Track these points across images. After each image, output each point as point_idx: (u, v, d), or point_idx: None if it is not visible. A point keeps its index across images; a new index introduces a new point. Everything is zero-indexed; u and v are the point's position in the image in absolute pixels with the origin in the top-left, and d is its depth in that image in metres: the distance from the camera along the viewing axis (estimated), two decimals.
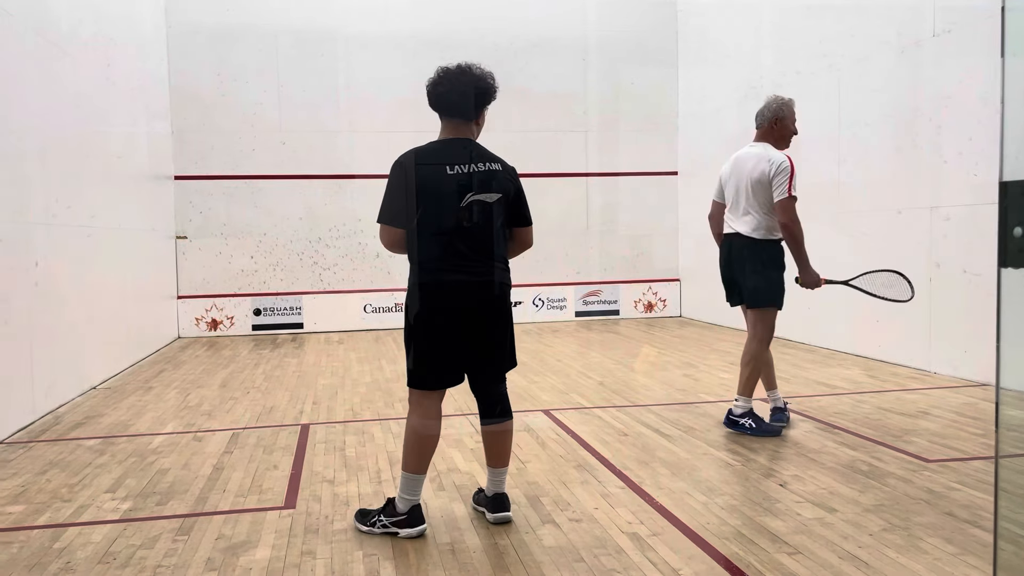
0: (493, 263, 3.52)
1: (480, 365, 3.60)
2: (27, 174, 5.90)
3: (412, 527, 3.48)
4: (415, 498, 3.52)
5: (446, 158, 3.46)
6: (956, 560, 3.11)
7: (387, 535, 3.49)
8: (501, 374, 3.66)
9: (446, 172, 3.42)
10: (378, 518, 3.53)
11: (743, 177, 5.01)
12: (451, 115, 3.54)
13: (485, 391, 3.67)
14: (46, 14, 6.43)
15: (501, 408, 3.67)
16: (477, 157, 3.50)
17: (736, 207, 5.10)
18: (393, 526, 3.49)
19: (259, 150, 11.01)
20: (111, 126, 8.07)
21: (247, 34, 10.94)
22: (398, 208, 3.43)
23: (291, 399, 6.53)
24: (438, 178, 3.42)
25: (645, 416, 5.64)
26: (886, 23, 7.52)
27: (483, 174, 3.48)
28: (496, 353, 3.60)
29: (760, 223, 4.99)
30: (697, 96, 11.49)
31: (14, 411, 5.53)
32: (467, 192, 3.43)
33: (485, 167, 3.49)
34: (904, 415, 5.49)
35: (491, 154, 3.57)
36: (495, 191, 3.50)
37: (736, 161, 5.13)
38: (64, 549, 3.41)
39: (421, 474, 3.54)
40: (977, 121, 6.42)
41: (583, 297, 11.87)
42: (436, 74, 3.53)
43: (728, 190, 5.17)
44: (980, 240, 6.43)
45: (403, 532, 3.47)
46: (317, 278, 11.19)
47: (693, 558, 3.19)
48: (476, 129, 3.61)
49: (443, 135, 3.57)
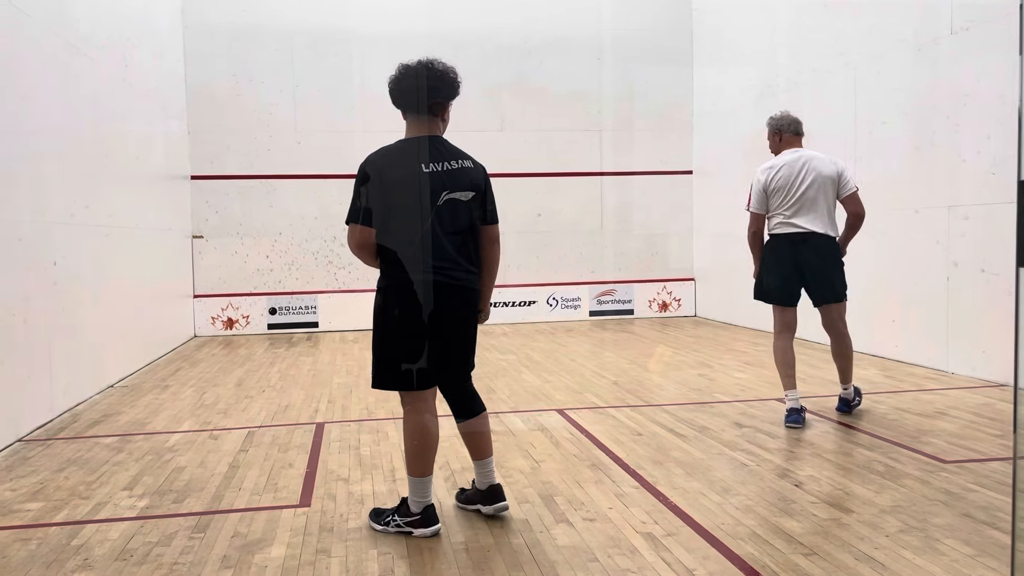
0: (471, 265, 3.53)
1: (456, 364, 3.61)
2: (45, 174, 5.96)
3: (426, 527, 3.48)
4: (427, 499, 3.52)
5: (419, 156, 3.41)
6: (974, 562, 3.08)
7: (401, 534, 3.49)
8: (469, 373, 3.71)
9: (420, 170, 3.38)
10: (392, 518, 3.53)
11: (817, 179, 5.24)
12: (417, 112, 3.48)
13: (459, 390, 3.69)
14: (64, 15, 6.49)
15: (475, 404, 3.70)
16: (448, 155, 3.47)
17: (806, 208, 5.27)
18: (407, 526, 3.49)
19: (274, 150, 11.06)
20: (128, 126, 8.13)
21: (263, 34, 11.00)
22: (369, 208, 3.35)
23: (306, 398, 6.55)
24: (411, 177, 3.37)
25: (659, 416, 5.63)
26: (903, 21, 7.47)
27: (456, 172, 3.45)
28: (471, 352, 3.67)
29: (833, 222, 5.33)
30: (712, 95, 11.45)
31: (33, 409, 5.58)
32: (442, 190, 3.40)
33: (458, 164, 3.47)
34: (921, 415, 5.45)
35: (460, 151, 3.54)
36: (468, 188, 3.47)
37: (804, 165, 5.29)
38: (82, 546, 3.44)
39: (428, 476, 3.52)
40: (995, 120, 6.36)
41: (597, 296, 11.85)
42: (397, 71, 3.49)
43: (782, 195, 5.29)
44: (998, 239, 6.37)
45: (417, 532, 3.47)
46: (332, 277, 11.23)
47: (708, 558, 3.18)
48: (442, 126, 3.57)
49: (410, 133, 3.51)
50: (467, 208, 3.48)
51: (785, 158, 5.35)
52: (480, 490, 3.71)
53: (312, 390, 6.89)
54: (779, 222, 5.33)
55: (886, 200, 7.72)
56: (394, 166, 3.38)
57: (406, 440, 3.53)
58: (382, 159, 3.40)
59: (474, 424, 3.69)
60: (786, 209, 5.29)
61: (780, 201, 5.31)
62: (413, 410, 3.51)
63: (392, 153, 3.42)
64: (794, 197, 5.28)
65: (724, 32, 11.15)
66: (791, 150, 5.39)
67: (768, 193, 5.35)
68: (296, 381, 7.34)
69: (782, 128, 5.44)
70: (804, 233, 5.26)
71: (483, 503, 3.69)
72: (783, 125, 5.44)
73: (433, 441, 3.53)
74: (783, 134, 5.44)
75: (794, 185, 5.28)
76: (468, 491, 3.82)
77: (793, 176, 5.29)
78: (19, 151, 5.51)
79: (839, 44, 8.41)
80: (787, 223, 5.30)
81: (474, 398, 3.72)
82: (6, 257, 5.22)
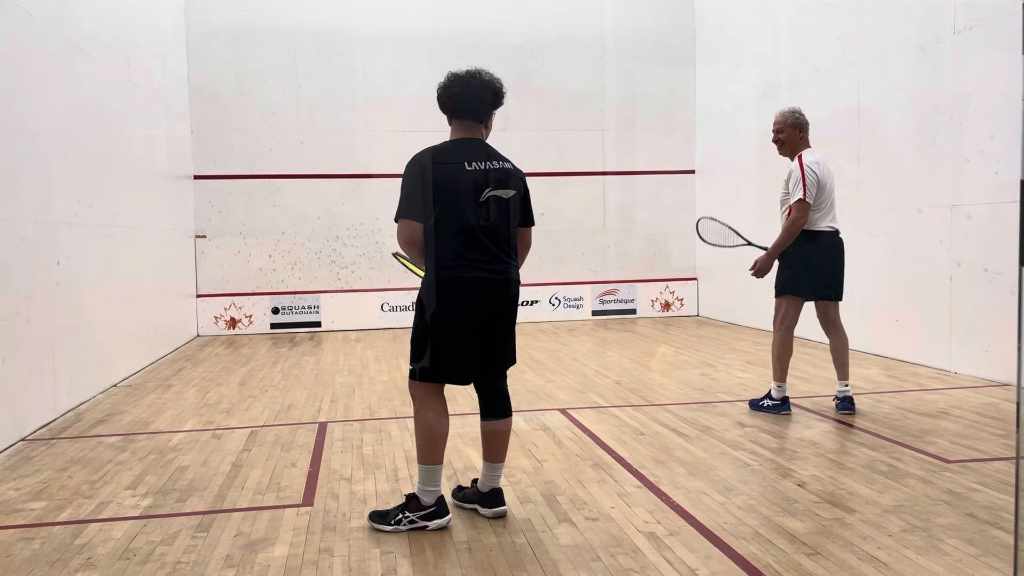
0: (511, 260, 3.62)
1: (492, 362, 3.66)
2: (49, 174, 5.97)
3: (441, 517, 3.53)
4: (438, 488, 3.56)
5: (463, 156, 3.53)
6: (977, 562, 3.08)
7: (411, 531, 3.49)
8: (506, 370, 3.75)
9: (464, 168, 3.49)
10: (403, 515, 3.54)
11: (833, 180, 5.48)
12: (464, 117, 3.63)
13: (491, 388, 3.73)
14: (67, 16, 6.50)
15: (505, 405, 3.75)
16: (492, 156, 3.60)
17: (832, 207, 5.47)
18: (421, 520, 3.52)
19: (277, 150, 11.07)
20: (131, 126, 8.14)
21: (265, 35, 11.01)
22: (418, 204, 3.45)
23: (309, 397, 6.56)
24: (456, 175, 3.48)
25: (662, 415, 5.63)
26: (906, 20, 7.46)
27: (499, 171, 3.57)
28: (509, 350, 3.71)
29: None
30: (715, 94, 11.44)
31: (36, 408, 5.59)
32: (485, 189, 3.51)
33: (500, 165, 3.59)
34: (924, 415, 5.45)
35: (501, 154, 3.66)
36: (511, 188, 3.59)
37: (826, 166, 5.46)
38: (85, 545, 3.45)
39: (440, 465, 3.58)
40: (999, 119, 6.35)
41: (600, 296, 11.85)
42: (448, 78, 3.64)
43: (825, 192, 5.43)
44: (1001, 239, 6.37)
45: (432, 524, 3.51)
46: (335, 277, 11.24)
47: (710, 558, 3.18)
48: (485, 132, 3.70)
49: (456, 135, 3.65)
50: (508, 206, 3.59)
51: (818, 155, 5.48)
52: (481, 492, 3.72)
53: (315, 389, 6.89)
54: (820, 216, 5.43)
55: (889, 199, 7.72)
56: (440, 164, 3.48)
57: (420, 430, 3.58)
58: (428, 157, 3.49)
59: (499, 425, 3.72)
60: (827, 206, 5.45)
61: (824, 197, 5.43)
62: (428, 402, 3.57)
63: (439, 152, 3.53)
64: (832, 194, 5.47)
65: (727, 32, 11.14)
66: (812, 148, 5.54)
67: (819, 187, 5.42)
68: (299, 381, 7.35)
69: (805, 125, 5.56)
70: (833, 231, 5.49)
71: (482, 505, 3.70)
72: (806, 122, 5.57)
73: (446, 430, 3.61)
74: (806, 131, 5.56)
75: (831, 182, 5.48)
76: (467, 490, 3.84)
77: (829, 173, 5.49)
78: (23, 151, 5.52)
79: (842, 43, 8.40)
80: (827, 220, 5.46)
81: (505, 399, 3.76)
82: (10, 257, 5.23)
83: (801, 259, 5.44)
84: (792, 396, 5.98)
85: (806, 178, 5.34)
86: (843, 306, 5.67)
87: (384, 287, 11.28)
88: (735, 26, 10.88)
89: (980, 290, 6.59)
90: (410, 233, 3.48)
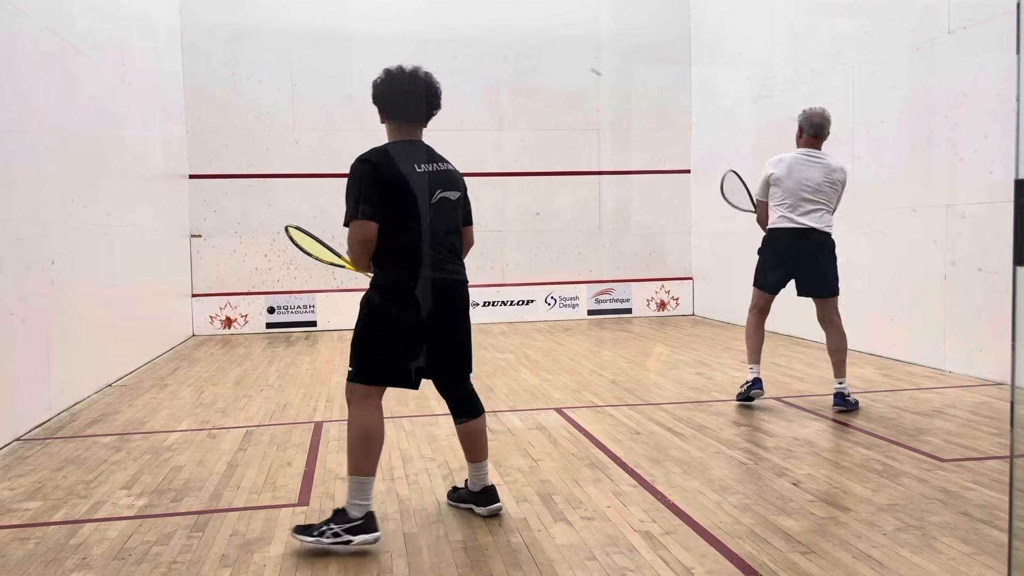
0: (460, 261, 3.63)
1: (452, 364, 3.63)
2: (43, 173, 5.95)
3: (368, 533, 3.30)
4: (368, 503, 3.36)
5: (413, 158, 3.48)
6: (971, 560, 3.09)
7: (338, 544, 3.27)
8: (469, 371, 3.71)
9: (415, 170, 3.44)
10: (327, 527, 3.30)
11: (824, 179, 5.58)
12: (407, 119, 3.55)
13: (457, 390, 3.70)
14: (62, 14, 6.48)
15: (476, 403, 3.72)
16: (435, 157, 3.57)
17: (800, 205, 5.57)
18: (347, 533, 3.28)
19: (273, 149, 11.06)
20: (126, 125, 8.12)
21: (261, 34, 10.99)
22: (372, 205, 3.34)
23: (305, 397, 6.56)
24: (408, 177, 3.42)
25: (658, 415, 5.63)
26: (901, 20, 7.47)
27: (445, 173, 3.55)
28: (467, 351, 3.67)
29: (831, 220, 5.65)
30: (710, 94, 11.45)
31: (31, 408, 5.58)
32: (435, 191, 3.49)
33: (445, 167, 3.57)
34: (919, 414, 5.46)
35: (442, 155, 3.63)
36: (456, 189, 3.59)
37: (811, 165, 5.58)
38: (80, 545, 3.44)
39: (373, 477, 3.40)
40: (993, 118, 6.37)
41: (595, 295, 11.85)
42: (387, 76, 3.51)
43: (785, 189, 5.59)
44: (996, 238, 6.38)
45: (358, 539, 3.27)
46: (330, 276, 11.23)
47: (706, 557, 3.18)
48: (422, 133, 3.66)
49: (397, 136, 3.56)
50: (455, 208, 3.59)
51: (795, 154, 5.68)
52: (474, 491, 3.71)
53: (310, 389, 6.89)
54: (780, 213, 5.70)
55: (884, 199, 7.73)
56: (390, 165, 3.40)
57: (354, 438, 3.40)
58: (378, 157, 3.41)
59: (473, 425, 3.69)
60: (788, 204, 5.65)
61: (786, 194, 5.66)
62: (366, 407, 3.44)
63: (388, 153, 3.44)
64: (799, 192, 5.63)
65: (722, 31, 11.16)
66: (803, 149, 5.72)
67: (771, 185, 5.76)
68: (294, 380, 7.34)
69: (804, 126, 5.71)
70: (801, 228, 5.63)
71: (477, 504, 3.69)
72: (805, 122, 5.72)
73: (381, 439, 3.46)
74: (803, 132, 5.71)
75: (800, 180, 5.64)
76: (461, 490, 3.82)
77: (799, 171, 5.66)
78: (17, 150, 5.50)
79: (837, 43, 8.42)
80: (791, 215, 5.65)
81: (473, 398, 3.74)
82: (4, 256, 5.21)
83: (760, 253, 5.79)
84: (787, 395, 5.99)
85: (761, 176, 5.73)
86: (838, 304, 5.69)
87: None
88: (731, 26, 10.90)
89: (975, 290, 6.61)
90: (366, 234, 3.35)
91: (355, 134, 11.18)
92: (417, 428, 5.37)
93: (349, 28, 11.11)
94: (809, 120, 5.62)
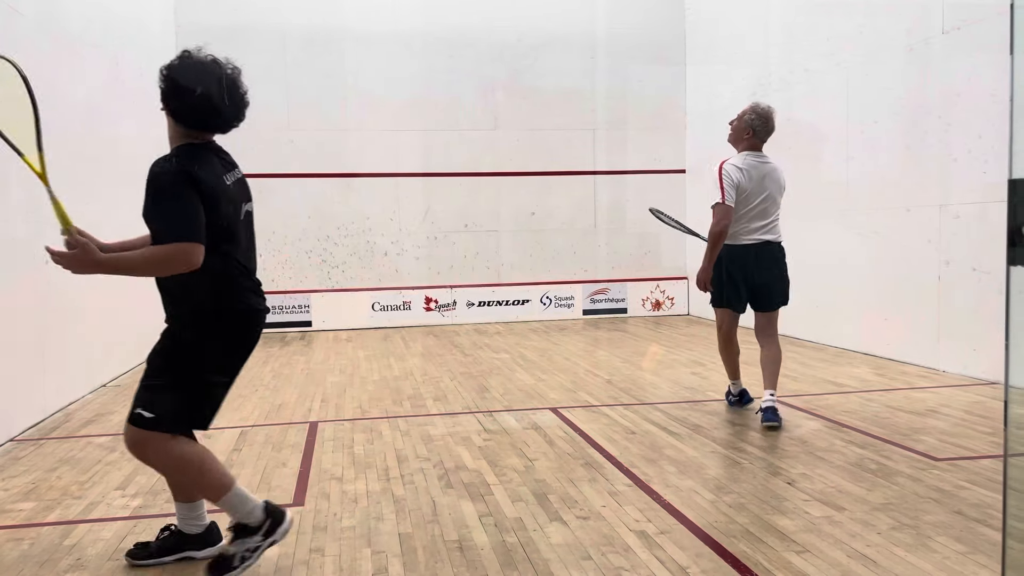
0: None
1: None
2: None
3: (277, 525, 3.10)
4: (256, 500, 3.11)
5: (222, 165, 3.03)
6: (965, 559, 3.10)
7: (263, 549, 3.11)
8: None
9: (225, 181, 2.98)
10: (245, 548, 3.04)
11: (775, 189, 5.25)
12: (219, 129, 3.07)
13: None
14: (56, 14, 6.46)
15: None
16: (232, 162, 3.14)
17: (765, 216, 5.24)
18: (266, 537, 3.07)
19: (267, 149, 11.04)
20: (120, 125, 8.10)
21: (255, 34, 10.97)
22: (196, 222, 2.81)
23: (300, 397, 6.55)
24: (221, 187, 2.94)
25: (653, 414, 5.64)
26: (895, 20, 7.50)
27: (244, 182, 3.17)
28: None
29: (780, 229, 5.34)
30: (705, 94, 11.47)
31: (25, 409, 5.56)
32: (244, 202, 3.10)
33: (241, 174, 3.16)
34: (913, 413, 5.48)
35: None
36: (251, 200, 3.22)
37: (764, 173, 5.21)
38: (74, 546, 3.44)
39: (235, 482, 3.09)
40: (987, 118, 6.39)
41: (591, 295, 11.86)
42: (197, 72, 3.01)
43: (754, 200, 5.20)
44: (989, 238, 6.40)
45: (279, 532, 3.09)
46: (325, 276, 11.22)
47: (701, 556, 3.19)
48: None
49: (187, 140, 3.04)
50: (252, 222, 3.23)
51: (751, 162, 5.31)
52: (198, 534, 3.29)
53: (305, 389, 6.88)
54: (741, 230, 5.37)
55: (877, 199, 7.75)
56: (206, 175, 2.89)
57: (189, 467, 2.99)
58: (191, 165, 2.87)
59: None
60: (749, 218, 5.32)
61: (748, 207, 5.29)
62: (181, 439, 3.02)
63: (199, 159, 2.93)
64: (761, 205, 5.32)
65: (718, 31, 11.17)
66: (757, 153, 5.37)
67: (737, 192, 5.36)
68: (289, 380, 7.33)
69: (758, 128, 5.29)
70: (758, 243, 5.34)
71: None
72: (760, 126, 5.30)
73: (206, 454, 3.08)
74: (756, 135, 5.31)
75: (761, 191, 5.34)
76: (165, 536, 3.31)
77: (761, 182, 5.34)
78: (11, 150, 5.47)
79: (831, 43, 8.44)
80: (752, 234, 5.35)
81: None
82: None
83: (719, 269, 5.34)
84: (781, 395, 5.99)
85: (723, 180, 5.12)
86: (833, 304, 5.71)
87: (375, 286, 11.26)
88: (726, 26, 10.91)
89: (968, 289, 6.63)
90: (194, 257, 2.79)
91: (350, 134, 11.22)
92: (412, 428, 5.37)
93: (343, 28, 11.11)
94: (764, 119, 5.19)
